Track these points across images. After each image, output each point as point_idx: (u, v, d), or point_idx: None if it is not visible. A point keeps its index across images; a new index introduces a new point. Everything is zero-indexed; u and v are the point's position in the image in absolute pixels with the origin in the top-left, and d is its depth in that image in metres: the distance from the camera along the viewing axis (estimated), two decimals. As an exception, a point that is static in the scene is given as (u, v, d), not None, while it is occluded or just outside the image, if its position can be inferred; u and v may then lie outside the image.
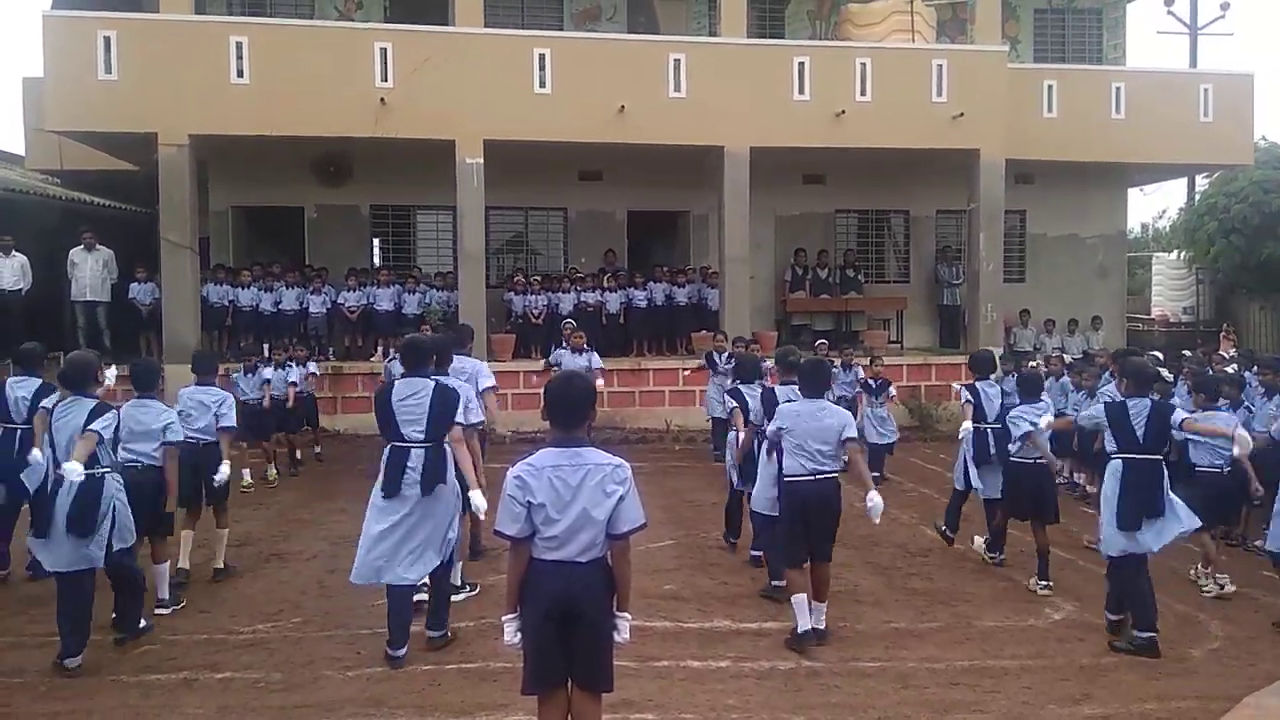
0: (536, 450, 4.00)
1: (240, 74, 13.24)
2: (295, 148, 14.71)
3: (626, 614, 4.06)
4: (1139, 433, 6.29)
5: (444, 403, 6.00)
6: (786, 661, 5.93)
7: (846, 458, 6.30)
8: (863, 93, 14.61)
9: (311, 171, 16.11)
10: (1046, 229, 18.54)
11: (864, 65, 14.62)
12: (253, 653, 6.06)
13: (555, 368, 11.06)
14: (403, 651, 5.89)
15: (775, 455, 6.64)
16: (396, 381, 6.15)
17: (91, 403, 5.99)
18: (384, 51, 13.49)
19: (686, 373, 13.86)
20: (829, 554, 6.32)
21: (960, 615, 6.85)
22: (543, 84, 13.90)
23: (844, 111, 14.48)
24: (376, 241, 17.08)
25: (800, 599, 6.15)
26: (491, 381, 7.74)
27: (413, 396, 5.97)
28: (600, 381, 10.41)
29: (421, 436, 5.92)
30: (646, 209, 17.27)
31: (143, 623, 6.32)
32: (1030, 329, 17.30)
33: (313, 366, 12.54)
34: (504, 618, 4.02)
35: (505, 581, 4.06)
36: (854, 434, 6.28)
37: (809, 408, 6.27)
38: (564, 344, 11.12)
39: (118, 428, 6.10)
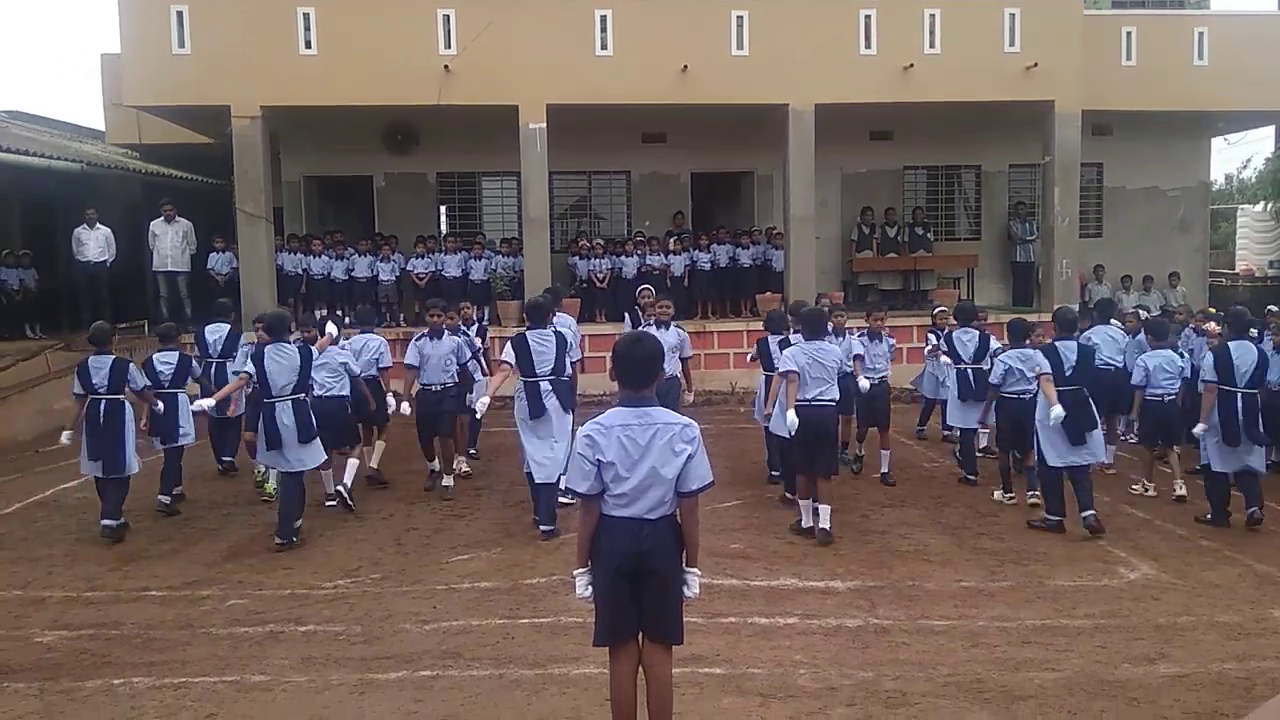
0: (604, 410, 4.06)
1: (308, 45, 13.47)
2: (363, 117, 14.93)
3: (696, 569, 4.12)
4: (1067, 369, 7.67)
5: (563, 348, 7.97)
6: (854, 619, 5.94)
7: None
8: (931, 45, 14.26)
9: (379, 140, 16.35)
10: (1125, 181, 17.97)
11: (933, 16, 14.25)
12: (334, 607, 6.28)
13: None
14: (551, 528, 7.67)
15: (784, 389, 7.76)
16: (528, 333, 7.93)
17: (294, 349, 7.79)
18: (446, 19, 13.58)
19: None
20: (829, 470, 7.62)
21: (1031, 574, 6.78)
22: (604, 46, 13.86)
23: (912, 65, 14.15)
24: (443, 209, 17.31)
25: (805, 502, 7.71)
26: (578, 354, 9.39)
27: (543, 345, 7.86)
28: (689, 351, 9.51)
29: (549, 372, 7.79)
30: (710, 170, 17.17)
31: (295, 539, 7.67)
32: (1106, 285, 16.82)
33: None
34: (575, 572, 4.11)
35: (576, 537, 4.14)
36: (848, 367, 8.24)
37: (809, 348, 7.59)
38: (640, 314, 9.89)
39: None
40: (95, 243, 14.09)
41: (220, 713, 4.83)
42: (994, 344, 9.46)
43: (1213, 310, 12.56)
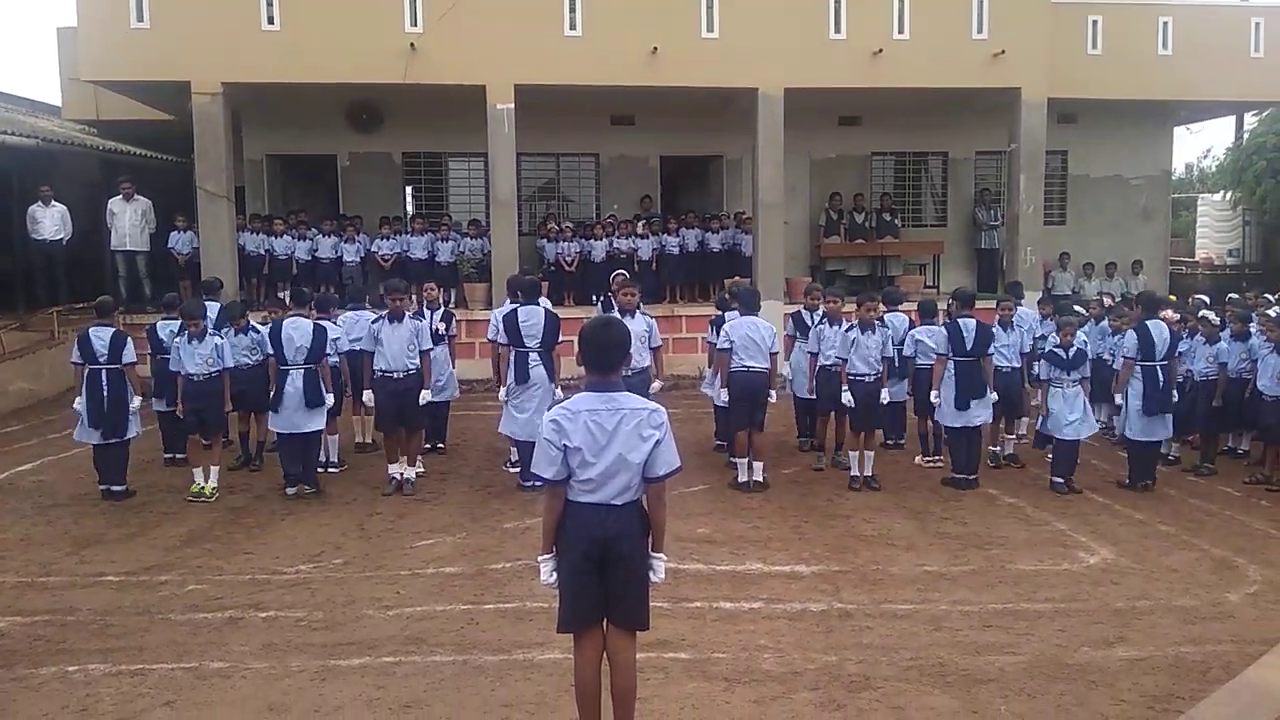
0: (572, 395, 4.02)
1: (271, 21, 13.20)
2: (327, 95, 14.70)
3: (662, 555, 4.10)
4: (968, 343, 8.58)
5: (551, 324, 8.54)
6: (818, 603, 5.97)
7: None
8: (900, 30, 14.26)
9: (344, 119, 16.11)
10: (1089, 170, 18.14)
11: (902, 2, 14.24)
12: (295, 592, 6.21)
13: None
14: (532, 484, 8.07)
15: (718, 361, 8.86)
16: (518, 309, 8.55)
17: (309, 323, 8.52)
18: (413, -5, 13.38)
19: None
20: (761, 425, 8.67)
21: (993, 559, 6.85)
22: (573, 26, 13.72)
23: (881, 50, 14.15)
24: (409, 189, 17.10)
25: (742, 461, 8.68)
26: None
27: (531, 319, 8.49)
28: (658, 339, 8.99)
29: (536, 344, 8.43)
30: (679, 154, 17.11)
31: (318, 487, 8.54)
32: (1070, 272, 17.01)
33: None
34: (540, 558, 4.08)
35: (541, 522, 4.11)
36: (778, 348, 8.80)
37: (744, 322, 8.61)
38: (611, 299, 9.56)
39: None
40: (51, 221, 13.78)
41: (178, 700, 4.76)
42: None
43: (1173, 298, 12.77)
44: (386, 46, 13.29)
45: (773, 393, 8.75)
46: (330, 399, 8.62)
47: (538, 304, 8.67)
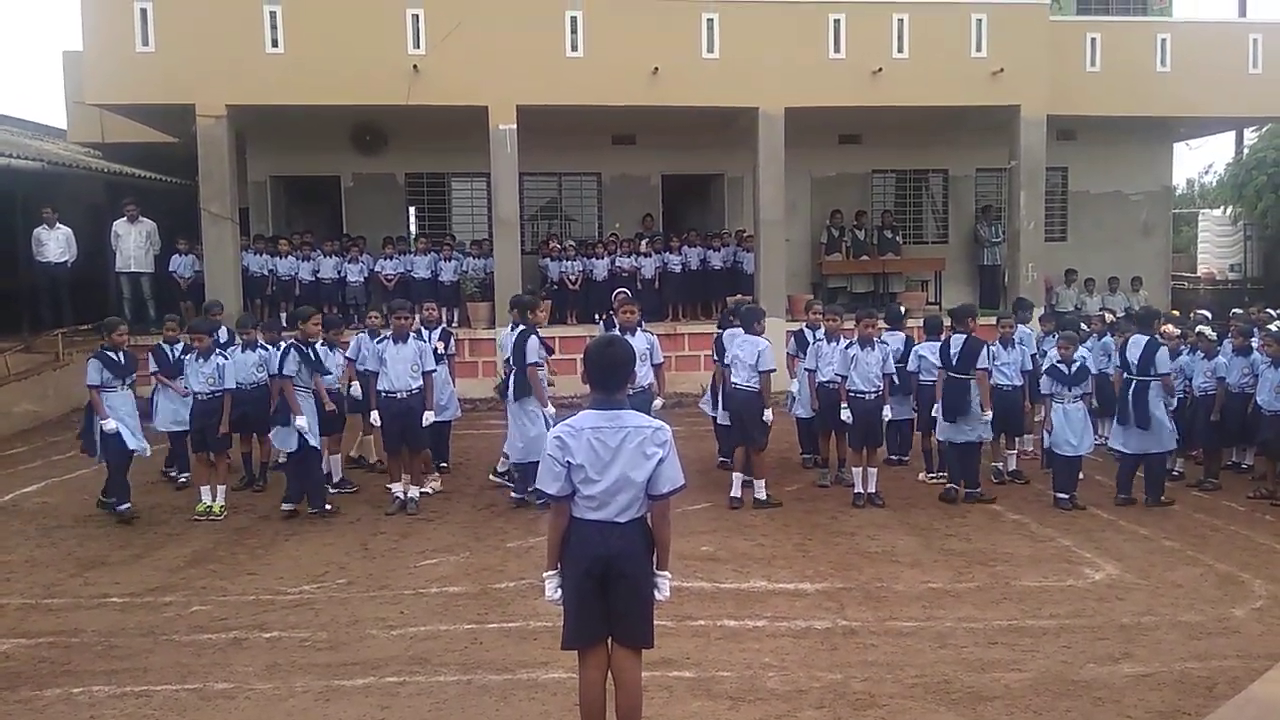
0: (575, 413, 4.04)
1: (275, 44, 13.31)
2: (331, 117, 14.79)
3: (666, 572, 4.10)
4: (954, 359, 8.75)
5: (520, 343, 8.40)
6: (823, 621, 5.96)
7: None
8: (900, 49, 14.36)
9: (348, 140, 16.21)
10: (1089, 186, 18.20)
11: (901, 21, 14.36)
12: (299, 613, 6.20)
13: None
14: (520, 496, 8.59)
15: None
16: (510, 327, 8.80)
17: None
18: (415, 18, 13.47)
19: None
20: (756, 444, 8.61)
21: (998, 575, 6.83)
22: (575, 47, 13.82)
23: (881, 69, 14.24)
24: (412, 210, 17.19)
25: (737, 476, 8.73)
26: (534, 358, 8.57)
27: (509, 339, 8.57)
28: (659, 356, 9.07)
29: (513, 363, 8.46)
30: (680, 172, 17.19)
31: (328, 507, 8.52)
32: (1072, 288, 17.02)
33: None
34: (545, 574, 4.09)
35: (546, 540, 4.12)
36: (768, 366, 8.48)
37: (741, 340, 8.64)
38: (612, 318, 9.53)
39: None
40: (55, 243, 13.84)
41: (182, 721, 4.76)
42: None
43: (1175, 313, 12.79)
44: (389, 68, 13.39)
45: (768, 411, 8.51)
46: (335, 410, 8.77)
47: (519, 323, 8.72)
